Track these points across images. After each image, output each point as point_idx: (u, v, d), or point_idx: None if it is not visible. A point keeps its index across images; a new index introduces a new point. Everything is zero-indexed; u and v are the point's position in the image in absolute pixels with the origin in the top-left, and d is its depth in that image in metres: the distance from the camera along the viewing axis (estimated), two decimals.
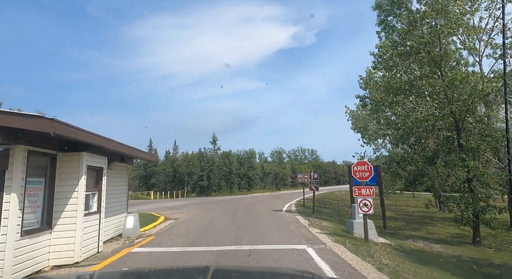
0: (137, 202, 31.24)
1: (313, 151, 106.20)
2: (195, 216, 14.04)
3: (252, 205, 20.26)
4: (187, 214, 15.00)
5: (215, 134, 56.26)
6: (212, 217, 13.56)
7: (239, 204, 22.30)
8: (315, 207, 20.53)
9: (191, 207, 19.48)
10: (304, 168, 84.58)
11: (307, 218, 13.18)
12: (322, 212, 18.30)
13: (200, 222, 11.85)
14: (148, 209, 19.56)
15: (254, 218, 12.64)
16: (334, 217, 16.14)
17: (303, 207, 19.66)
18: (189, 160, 50.12)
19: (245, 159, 57.62)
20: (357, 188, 8.34)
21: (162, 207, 20.71)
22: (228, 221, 11.97)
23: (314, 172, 16.46)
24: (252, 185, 58.28)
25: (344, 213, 19.40)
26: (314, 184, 16.17)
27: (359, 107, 23.83)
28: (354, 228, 9.13)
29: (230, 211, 16.29)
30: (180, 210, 17.46)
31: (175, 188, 50.18)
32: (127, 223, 8.67)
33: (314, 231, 9.50)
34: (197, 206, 20.75)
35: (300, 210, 17.45)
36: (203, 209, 17.79)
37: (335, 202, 28.69)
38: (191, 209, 18.27)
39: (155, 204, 26.25)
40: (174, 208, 19.73)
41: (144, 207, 21.80)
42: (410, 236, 11.38)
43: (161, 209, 18.96)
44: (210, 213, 15.58)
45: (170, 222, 12.17)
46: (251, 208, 17.68)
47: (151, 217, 13.82)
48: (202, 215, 14.68)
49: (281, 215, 14.12)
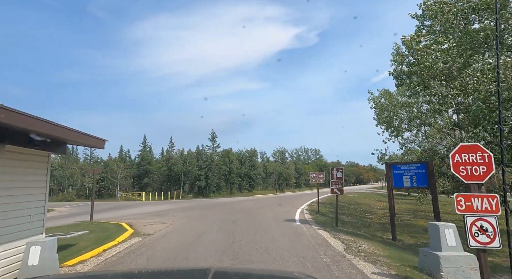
0: (122, 204, 27.30)
1: (316, 151, 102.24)
2: (176, 230, 10.05)
3: (255, 211, 16.27)
4: (168, 226, 11.04)
5: (214, 131, 52.28)
6: (199, 232, 9.55)
7: (239, 209, 18.29)
8: (330, 212, 16.32)
9: (178, 214, 15.51)
10: (308, 168, 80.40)
11: (335, 234, 9.21)
12: (344, 221, 14.33)
13: (178, 244, 7.86)
14: (125, 215, 15.61)
15: (260, 236, 8.65)
16: (363, 229, 12.19)
17: (319, 214, 15.68)
18: (185, 158, 46.12)
19: (247, 157, 53.55)
20: (463, 197, 4.29)
21: (144, 213, 16.76)
22: (220, 242, 7.97)
23: (337, 169, 12.44)
24: (254, 186, 54.20)
25: (369, 222, 15.44)
26: (338, 186, 12.17)
27: (383, 95, 19.81)
28: (441, 266, 5.09)
29: (226, 220, 12.30)
30: (162, 218, 13.51)
31: (171, 189, 46.23)
32: (30, 257, 4.69)
33: (365, 267, 5.51)
34: (187, 212, 16.76)
35: (318, 219, 13.47)
36: (192, 217, 13.80)
37: (351, 206, 24.61)
38: (177, 216, 14.29)
39: (141, 207, 22.29)
40: (158, 214, 15.78)
41: (122, 213, 17.85)
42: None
43: (141, 216, 15.02)
44: (199, 224, 11.59)
45: (134, 241, 8.18)
46: (255, 217, 13.69)
47: (115, 230, 9.87)
48: (187, 227, 10.70)
49: (296, 228, 10.12)
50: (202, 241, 8.07)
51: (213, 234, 9.04)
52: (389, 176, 10.84)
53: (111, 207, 23.92)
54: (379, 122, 19.63)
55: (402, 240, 11.17)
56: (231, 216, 13.93)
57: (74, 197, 46.54)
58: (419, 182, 10.47)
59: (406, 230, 13.85)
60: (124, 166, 47.34)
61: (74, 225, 11.81)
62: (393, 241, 10.34)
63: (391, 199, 10.82)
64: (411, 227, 15.31)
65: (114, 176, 45.16)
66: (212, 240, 8.11)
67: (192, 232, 9.49)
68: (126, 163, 49.83)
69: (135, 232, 9.59)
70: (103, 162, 50.13)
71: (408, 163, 10.74)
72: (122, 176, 45.60)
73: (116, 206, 25.07)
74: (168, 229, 10.30)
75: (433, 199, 10.18)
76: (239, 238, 8.36)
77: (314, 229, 10.08)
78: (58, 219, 16.24)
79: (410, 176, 10.56)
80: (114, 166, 46.11)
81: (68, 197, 46.20)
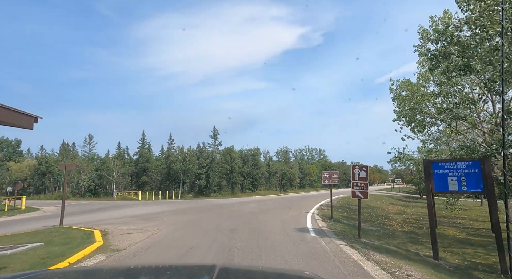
0: (114, 204, 25.15)
1: (320, 151, 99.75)
2: (157, 243, 7.80)
3: (258, 217, 14.01)
4: (149, 236, 8.82)
5: (216, 128, 50.05)
6: (186, 248, 7.28)
7: (240, 213, 16.04)
8: (344, 217, 13.91)
9: (169, 218, 13.30)
10: (313, 168, 77.94)
11: (364, 251, 6.96)
12: (364, 230, 12.07)
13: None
14: (107, 219, 13.46)
15: (267, 256, 6.38)
16: (390, 241, 9.93)
17: (333, 221, 13.43)
18: (185, 155, 43.95)
19: (249, 156, 51.28)
20: None
21: (131, 216, 14.59)
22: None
23: (360, 168, 10.14)
24: (257, 185, 51.93)
25: (391, 231, 13.21)
26: (361, 188, 9.90)
27: (403, 85, 17.45)
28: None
29: (223, 229, 10.05)
30: (148, 224, 11.32)
31: (169, 188, 44.12)
32: None
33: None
34: (179, 216, 14.55)
35: (334, 227, 11.22)
36: (183, 223, 11.58)
37: (364, 210, 22.22)
38: (166, 221, 12.08)
39: (132, 208, 20.13)
40: (146, 218, 13.60)
41: (107, 215, 15.69)
42: None
43: (126, 220, 12.86)
44: (188, 234, 9.34)
45: (94, 261, 5.96)
46: (258, 224, 11.42)
47: (79, 242, 7.67)
48: (172, 239, 8.46)
49: (313, 243, 7.84)
50: (186, 263, 5.83)
51: (203, 251, 6.79)
52: (428, 177, 8.53)
53: (99, 207, 21.79)
54: (400, 116, 17.26)
55: (444, 257, 8.87)
56: (230, 222, 11.69)
57: (69, 195, 44.59)
58: (470, 185, 8.11)
59: (439, 242, 11.50)
60: (121, 164, 45.30)
61: (36, 232, 9.64)
62: (435, 260, 8.07)
63: (432, 207, 8.52)
64: (443, 238, 12.96)
65: (110, 174, 43.15)
66: (200, 262, 5.88)
67: (175, 248, 7.24)
68: (124, 161, 47.79)
69: (103, 246, 7.38)
70: (100, 159, 48.19)
71: (455, 161, 8.38)
72: (119, 174, 43.55)
73: (106, 206, 22.96)
74: (147, 241, 8.08)
75: (491, 206, 7.87)
76: (238, 258, 6.11)
77: (336, 244, 7.80)
78: (32, 221, 14.13)
79: (457, 177, 8.23)
80: (110, 163, 44.10)
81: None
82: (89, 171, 44.67)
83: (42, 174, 47.60)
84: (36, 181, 48.51)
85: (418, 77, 17.76)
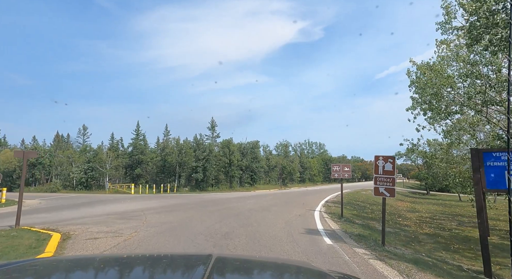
0: (100, 198, 23.20)
1: (321, 145, 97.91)
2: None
3: (258, 216, 12.12)
4: (121, 241, 6.90)
5: (213, 119, 47.99)
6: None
7: (237, 210, 14.15)
8: (355, 216, 12.07)
9: (153, 217, 11.39)
10: (313, 162, 76.17)
11: (399, 268, 5.07)
12: (380, 232, 10.25)
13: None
14: (81, 217, 11.55)
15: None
16: (420, 248, 8.11)
17: (344, 220, 11.56)
18: (181, 147, 41.97)
19: (248, 148, 49.34)
20: None
21: (111, 214, 12.69)
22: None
23: (385, 159, 8.20)
24: (256, 179, 50.12)
25: (413, 233, 11.41)
26: (387, 184, 7.99)
27: (421, 67, 15.44)
28: None
29: (215, 233, 8.13)
30: (126, 225, 9.42)
31: (165, 181, 42.27)
32: None
33: None
34: (166, 214, 12.63)
35: (349, 230, 9.32)
36: (167, 225, 9.66)
37: (373, 207, 20.37)
38: (148, 222, 10.17)
39: (116, 204, 18.23)
40: (127, 216, 11.70)
41: (84, 212, 13.77)
42: None
43: (102, 219, 10.97)
44: (170, 240, 7.39)
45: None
46: (258, 226, 9.51)
47: (22, 251, 5.75)
48: (145, 250, 6.52)
49: (332, 256, 5.93)
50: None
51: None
52: (477, 171, 6.57)
53: (84, 202, 19.87)
54: (418, 103, 15.25)
55: (499, 275, 7.00)
56: (224, 224, 9.78)
57: (59, 187, 42.73)
58: None
59: (474, 248, 9.61)
60: (115, 155, 43.33)
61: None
62: (487, 278, 6.21)
63: (482, 209, 6.56)
64: (471, 242, 11.06)
65: (103, 166, 41.21)
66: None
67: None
68: (117, 152, 45.80)
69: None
70: (93, 150, 46.19)
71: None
72: (112, 166, 41.61)
73: (92, 200, 21.05)
74: (114, 250, 6.15)
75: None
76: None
77: (360, 256, 5.91)
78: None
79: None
80: (103, 155, 42.13)
81: (54, 187, 42.37)
82: (80, 163, 42.73)
83: (32, 165, 45.63)
84: (26, 172, 46.61)
85: (438, 61, 15.65)
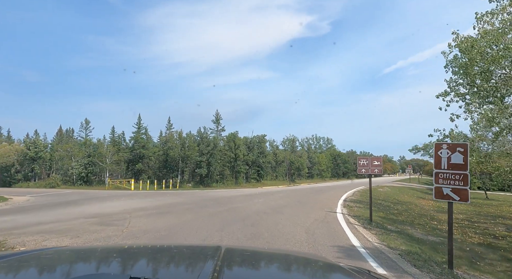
0: (98, 194, 21.15)
1: (328, 139, 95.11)
2: None
3: (270, 222, 9.80)
4: None
5: (218, 112, 45.69)
6: None
7: (242, 214, 11.84)
8: (384, 219, 9.74)
9: (138, 223, 9.16)
10: (322, 157, 73.51)
11: None
12: (432, 244, 7.90)
13: None
14: (56, 220, 9.40)
15: None
16: (493, 271, 5.71)
17: (378, 228, 9.19)
18: (184, 141, 39.83)
19: (255, 143, 46.98)
20: None
21: (92, 215, 10.52)
22: None
23: (452, 148, 5.78)
24: (263, 175, 47.83)
25: (464, 243, 9.08)
26: (456, 184, 5.59)
27: (462, 43, 12.82)
28: None
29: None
30: (100, 234, 7.22)
31: (167, 176, 40.28)
32: None
33: None
34: (156, 218, 10.38)
35: (394, 244, 6.95)
36: (150, 236, 7.39)
37: (396, 206, 17.85)
38: (127, 231, 7.95)
39: (109, 202, 16.12)
40: (107, 221, 9.51)
41: (64, 212, 11.62)
42: None
43: (76, 223, 8.81)
44: None
45: None
46: (271, 238, 7.19)
47: None
48: None
49: None
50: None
51: None
52: None
53: (74, 199, 17.82)
54: (455, 86, 12.69)
55: None
56: (226, 233, 7.48)
57: (59, 182, 41.10)
58: None
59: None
60: (115, 150, 41.46)
61: None
62: None
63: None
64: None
65: (103, 161, 39.39)
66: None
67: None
68: (118, 147, 43.93)
69: None
70: (93, 144, 44.39)
71: None
72: (112, 161, 39.76)
73: (83, 197, 19.01)
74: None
75: None
76: None
77: None
78: None
79: None
80: (103, 149, 40.28)
81: (53, 182, 40.74)
82: (80, 157, 40.99)
83: (32, 160, 44.08)
84: (25, 167, 45.07)
85: (479, 37, 12.92)
